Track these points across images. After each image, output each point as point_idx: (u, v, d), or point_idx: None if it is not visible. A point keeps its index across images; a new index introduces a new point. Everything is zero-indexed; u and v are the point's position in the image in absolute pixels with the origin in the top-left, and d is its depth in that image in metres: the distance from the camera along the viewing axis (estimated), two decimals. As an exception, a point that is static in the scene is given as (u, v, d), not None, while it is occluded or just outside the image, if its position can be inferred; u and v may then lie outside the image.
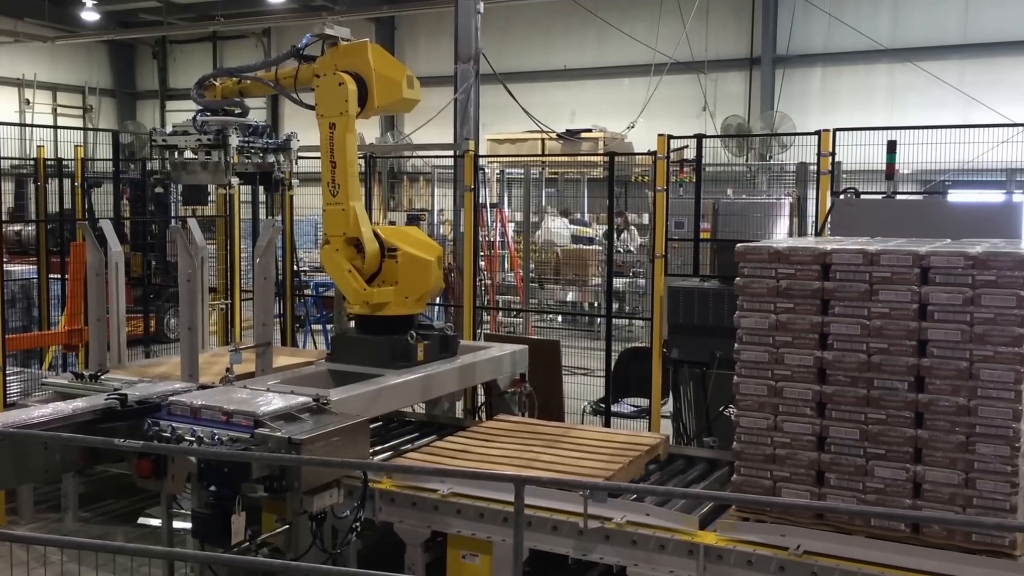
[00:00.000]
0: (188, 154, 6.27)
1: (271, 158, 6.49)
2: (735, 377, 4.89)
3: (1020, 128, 7.10)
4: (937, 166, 12.34)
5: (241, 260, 8.94)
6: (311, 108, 6.43)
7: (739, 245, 4.99)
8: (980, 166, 12.33)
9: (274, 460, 4.59)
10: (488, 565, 5.23)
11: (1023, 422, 4.27)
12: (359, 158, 7.24)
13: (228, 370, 6.03)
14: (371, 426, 6.20)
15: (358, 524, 5.16)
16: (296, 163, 6.82)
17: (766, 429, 4.77)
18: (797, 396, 4.70)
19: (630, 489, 5.25)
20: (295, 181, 6.85)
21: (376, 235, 6.49)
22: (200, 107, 6.53)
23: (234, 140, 6.17)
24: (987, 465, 4.33)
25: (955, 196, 9.73)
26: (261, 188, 7.00)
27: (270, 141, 6.49)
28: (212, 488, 4.60)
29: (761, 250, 4.86)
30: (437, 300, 10.14)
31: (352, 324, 6.85)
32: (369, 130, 19.81)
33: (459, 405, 7.84)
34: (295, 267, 9.73)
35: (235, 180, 6.54)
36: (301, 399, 5.12)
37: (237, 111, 6.64)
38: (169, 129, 6.44)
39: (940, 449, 4.42)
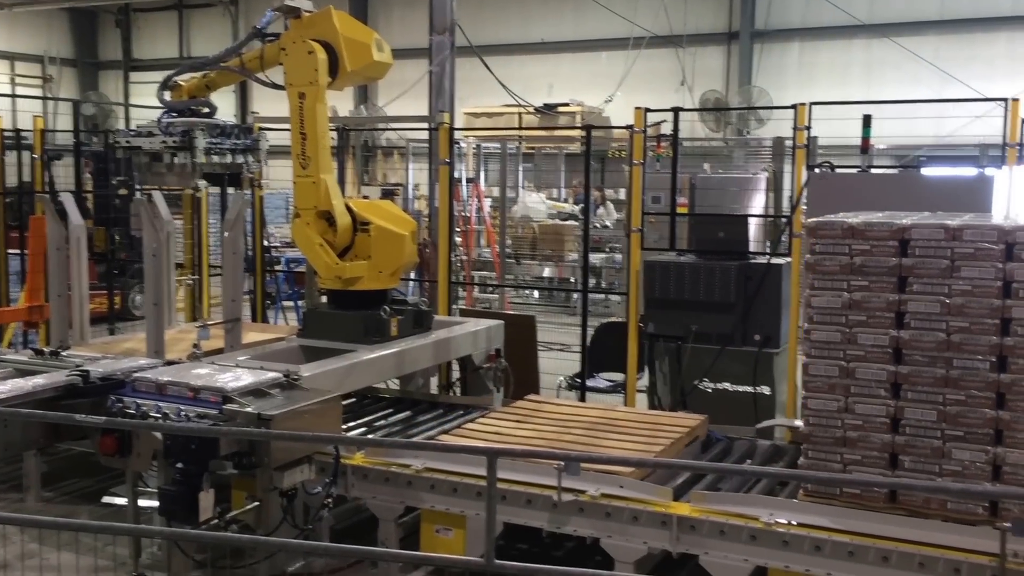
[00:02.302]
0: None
1: (240, 159, 6.34)
2: (804, 358, 4.73)
3: (994, 103, 7.08)
4: (912, 141, 12.38)
5: (209, 235, 8.81)
6: (282, 88, 6.32)
7: (810, 220, 4.79)
8: (954, 141, 12.37)
9: (241, 435, 4.52)
10: (462, 539, 5.20)
11: None
12: (331, 130, 7.12)
13: (195, 346, 5.94)
14: (345, 402, 6.16)
15: (330, 500, 5.13)
16: (266, 163, 6.70)
17: (836, 411, 4.62)
18: (871, 377, 4.55)
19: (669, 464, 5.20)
20: (266, 183, 6.68)
21: (348, 208, 6.40)
22: (166, 108, 6.37)
23: (201, 142, 6.01)
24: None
25: (929, 171, 9.75)
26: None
27: (239, 142, 6.33)
28: (179, 465, 4.52)
29: (834, 225, 4.64)
30: (411, 275, 10.09)
31: (324, 299, 6.78)
32: (342, 103, 19.61)
33: (434, 381, 7.79)
34: (265, 242, 9.61)
35: (202, 183, 6.40)
36: (271, 375, 5.05)
37: (204, 110, 6.47)
38: (150, 125, 6.29)
39: (1022, 430, 4.31)
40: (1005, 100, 6.78)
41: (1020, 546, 4.10)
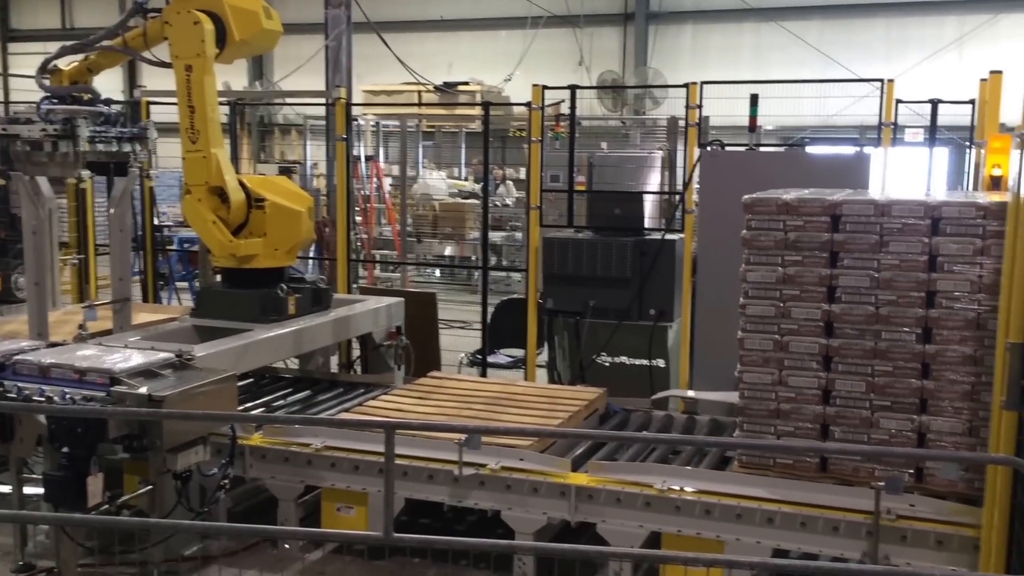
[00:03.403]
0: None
1: (127, 147, 6.07)
2: (739, 332, 4.78)
3: (872, 86, 7.36)
4: (798, 122, 12.79)
5: (95, 214, 8.50)
6: (169, 65, 6.13)
7: (746, 196, 4.80)
8: (836, 122, 12.83)
9: (130, 415, 4.41)
10: (364, 517, 5.21)
11: None
12: (223, 104, 6.96)
13: (82, 327, 5.74)
14: (241, 383, 6.07)
15: (227, 482, 5.06)
16: (155, 152, 6.47)
17: (771, 384, 4.70)
18: (803, 350, 4.62)
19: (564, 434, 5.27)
20: (155, 172, 6.42)
21: (242, 185, 6.28)
22: (46, 94, 6.04)
23: (84, 130, 5.70)
24: (991, 413, 4.27)
25: (813, 150, 10.10)
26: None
27: (125, 130, 6.06)
28: (65, 450, 4.39)
29: (769, 202, 4.69)
30: (310, 253, 9.96)
31: (218, 278, 6.64)
32: (236, 78, 19.15)
33: (334, 360, 7.73)
34: (156, 221, 9.34)
35: (86, 173, 6.11)
36: (163, 355, 4.95)
37: (87, 96, 6.14)
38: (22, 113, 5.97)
39: (946, 399, 4.44)
40: (881, 81, 7.06)
41: (893, 503, 4.32)
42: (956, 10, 18.38)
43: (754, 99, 6.93)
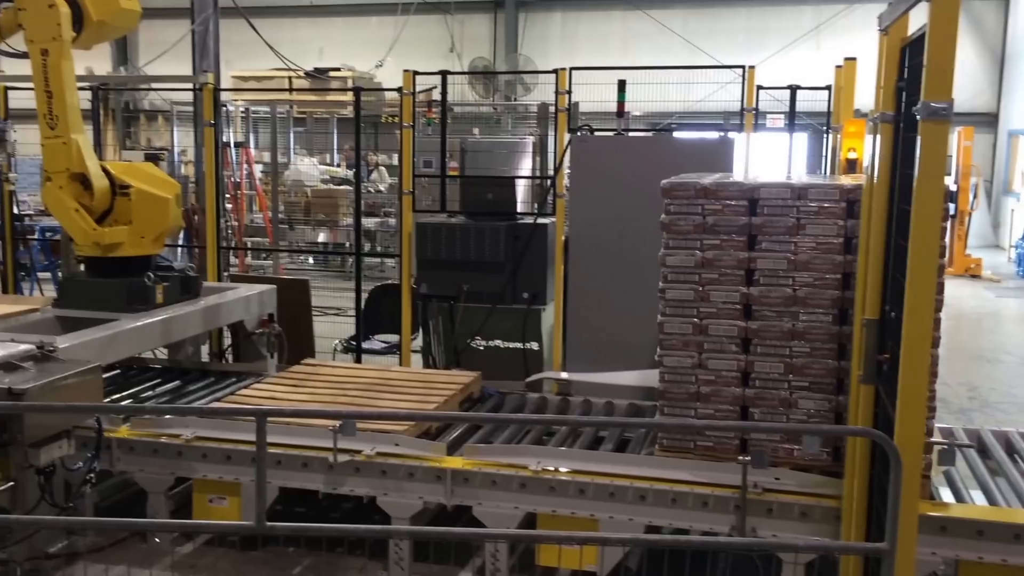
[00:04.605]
0: None
1: None
2: (659, 316, 4.77)
3: (734, 72, 7.67)
4: (665, 108, 13.19)
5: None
6: (26, 56, 5.89)
7: (664, 181, 4.78)
8: (702, 109, 13.29)
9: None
10: (237, 507, 5.14)
11: (939, 348, 4.36)
12: (86, 89, 6.72)
13: (-64, 320, 5.47)
14: (108, 374, 5.89)
15: (92, 476, 4.92)
16: (15, 154, 6.19)
17: (691, 367, 4.73)
18: (722, 333, 4.67)
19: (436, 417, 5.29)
20: (14, 176, 6.13)
21: (106, 171, 6.08)
22: None
23: None
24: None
25: (679, 135, 10.44)
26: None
27: None
28: (-83, 447, 4.19)
29: (687, 186, 4.70)
30: (179, 241, 9.71)
31: (82, 267, 6.42)
32: (99, 63, 18.40)
33: (205, 349, 7.57)
34: (16, 210, 8.93)
35: None
36: (23, 347, 4.76)
37: None
38: None
39: None
40: (743, 68, 7.35)
41: (760, 478, 4.52)
42: (813, 1, 19.22)
43: (622, 85, 7.11)
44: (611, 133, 7.19)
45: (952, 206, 16.62)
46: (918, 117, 3.04)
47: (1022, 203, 19.20)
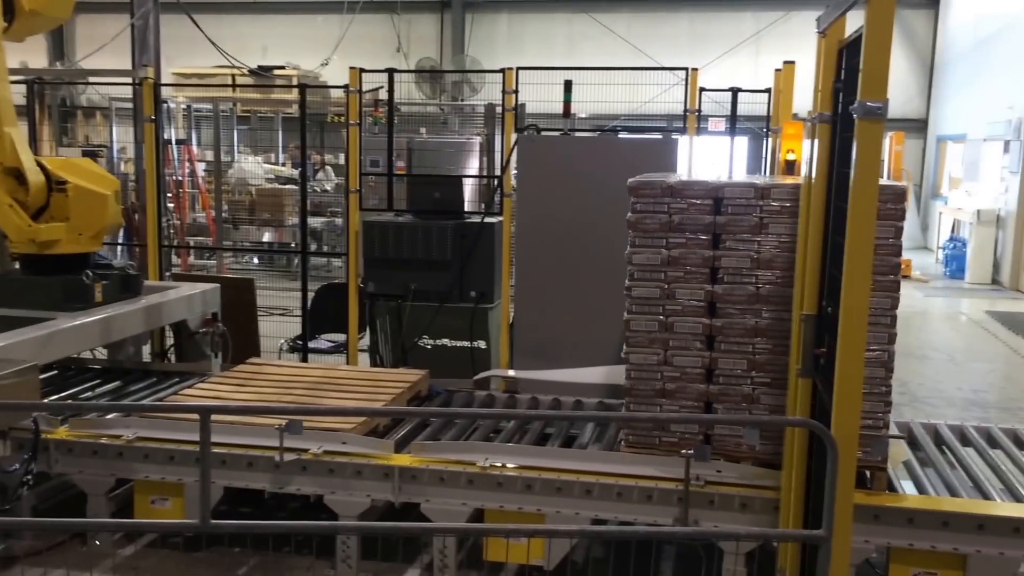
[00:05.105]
0: None
1: None
2: (625, 314, 4.78)
3: (677, 75, 7.78)
4: (610, 109, 13.32)
5: None
6: None
7: (631, 180, 4.78)
8: (647, 111, 13.44)
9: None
10: (180, 508, 5.06)
11: (895, 344, 4.44)
12: (20, 83, 6.58)
13: None
14: (45, 375, 5.77)
15: (30, 478, 4.81)
16: None
17: (656, 364, 4.75)
18: (688, 330, 4.70)
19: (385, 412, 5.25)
20: None
21: (41, 166, 5.96)
22: None
23: None
24: (865, 388, 4.32)
25: (624, 136, 10.55)
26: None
27: None
28: None
29: (653, 185, 4.72)
30: (119, 239, 9.54)
31: (17, 265, 6.28)
32: (34, 57, 18.01)
33: (146, 349, 7.45)
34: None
35: None
36: (-45, 347, 4.65)
37: None
38: None
39: None
40: (686, 70, 7.45)
41: (702, 471, 4.59)
42: (752, 7, 19.56)
43: (568, 85, 7.16)
44: (557, 133, 7.24)
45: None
46: (855, 116, 3.11)
47: (949, 206, 19.74)
